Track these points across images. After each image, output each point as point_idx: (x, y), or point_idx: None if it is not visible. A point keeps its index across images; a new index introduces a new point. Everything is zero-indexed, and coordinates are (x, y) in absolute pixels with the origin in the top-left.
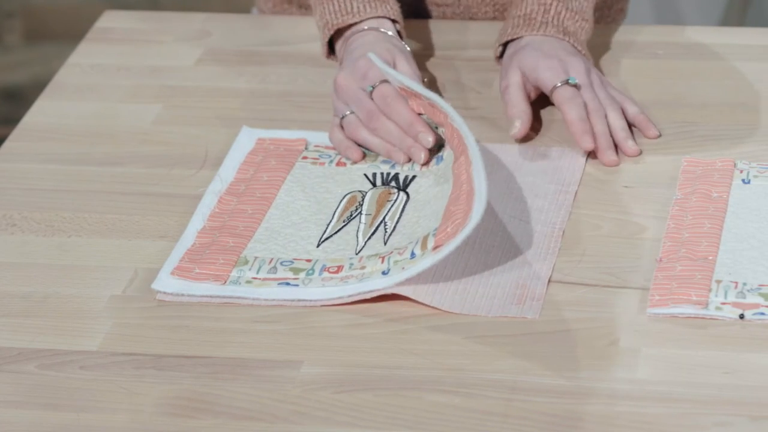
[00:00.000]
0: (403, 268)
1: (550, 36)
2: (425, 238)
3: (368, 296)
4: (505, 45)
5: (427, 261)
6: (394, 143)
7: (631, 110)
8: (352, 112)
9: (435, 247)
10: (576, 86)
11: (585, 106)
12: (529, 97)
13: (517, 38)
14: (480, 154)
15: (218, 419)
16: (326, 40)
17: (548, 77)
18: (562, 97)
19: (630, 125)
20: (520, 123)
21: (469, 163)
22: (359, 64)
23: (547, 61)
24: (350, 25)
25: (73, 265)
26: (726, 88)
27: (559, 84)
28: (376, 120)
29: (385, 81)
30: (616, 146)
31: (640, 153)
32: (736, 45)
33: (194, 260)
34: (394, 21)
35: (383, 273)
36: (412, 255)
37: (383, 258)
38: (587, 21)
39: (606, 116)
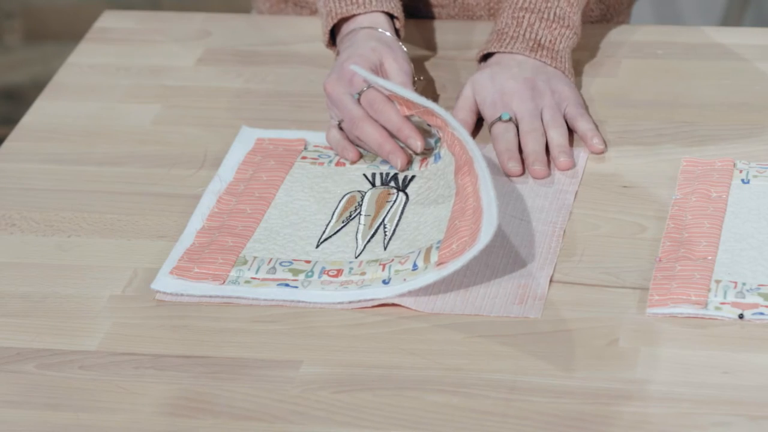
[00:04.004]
0: (404, 279)
1: (518, 53)
2: (428, 251)
3: (368, 304)
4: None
5: (430, 276)
6: (374, 150)
7: (581, 128)
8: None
9: (439, 263)
10: (511, 120)
11: (517, 134)
12: (474, 111)
13: (491, 54)
14: (487, 168)
15: (217, 419)
16: (329, 28)
17: (488, 114)
18: (493, 134)
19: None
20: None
21: (475, 177)
22: (345, 69)
23: (493, 95)
24: (352, 17)
25: (72, 265)
26: (725, 87)
27: (492, 121)
28: (357, 127)
29: (367, 88)
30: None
31: (573, 166)
32: (736, 45)
33: (193, 260)
34: (394, 17)
35: (384, 282)
36: (414, 266)
37: (384, 265)
38: (570, 28)
39: (546, 134)
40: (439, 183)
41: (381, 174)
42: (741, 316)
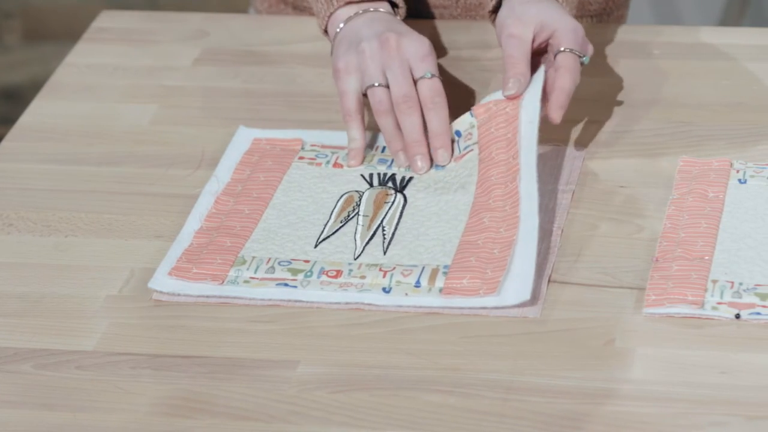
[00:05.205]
0: (406, 293)
1: None
2: (434, 272)
3: (366, 308)
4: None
5: (434, 301)
6: (403, 143)
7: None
8: (384, 85)
9: (446, 292)
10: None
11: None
12: (530, 56)
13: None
14: (538, 231)
15: (215, 419)
16: (331, 11)
17: (568, 36)
18: (568, 63)
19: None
20: (517, 86)
21: (512, 240)
22: (422, 41)
23: (572, 22)
24: (358, 2)
25: (69, 265)
26: (723, 88)
27: (569, 50)
28: (408, 107)
29: (437, 76)
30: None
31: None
32: (734, 45)
33: (192, 260)
34: (396, 5)
35: (384, 290)
36: (418, 284)
37: (385, 273)
38: None
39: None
40: (442, 197)
41: (379, 174)
42: (738, 316)
